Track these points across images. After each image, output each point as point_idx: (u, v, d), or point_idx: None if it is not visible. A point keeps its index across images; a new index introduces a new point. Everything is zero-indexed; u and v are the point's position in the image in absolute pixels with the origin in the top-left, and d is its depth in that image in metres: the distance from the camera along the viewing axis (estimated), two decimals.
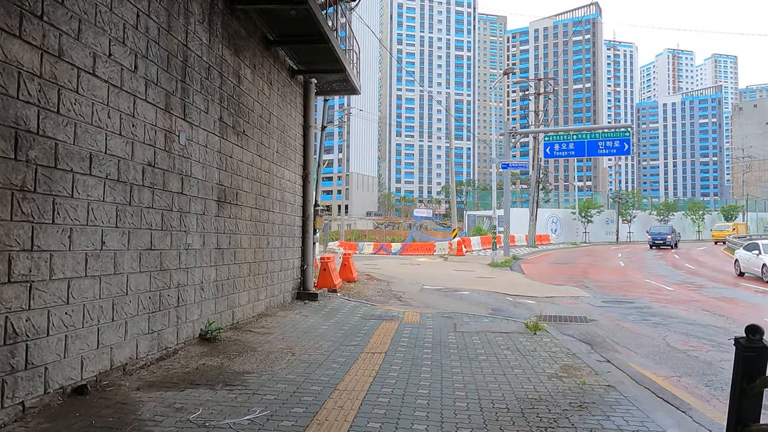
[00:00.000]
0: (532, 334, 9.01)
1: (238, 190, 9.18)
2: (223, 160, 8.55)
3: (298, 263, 12.84)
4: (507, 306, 13.76)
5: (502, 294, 15.88)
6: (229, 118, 8.77)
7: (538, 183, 45.94)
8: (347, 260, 17.48)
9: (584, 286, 18.56)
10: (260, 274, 10.28)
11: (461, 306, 13.43)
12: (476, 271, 23.44)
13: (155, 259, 6.54)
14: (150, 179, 6.43)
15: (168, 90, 6.85)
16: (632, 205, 69.44)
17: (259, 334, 8.61)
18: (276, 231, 11.20)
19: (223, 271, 8.56)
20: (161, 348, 6.68)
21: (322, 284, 14.88)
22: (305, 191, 13.22)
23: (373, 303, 13.19)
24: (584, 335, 9.89)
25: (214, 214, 8.20)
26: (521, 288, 17.44)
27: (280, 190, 11.46)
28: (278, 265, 11.37)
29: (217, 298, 8.37)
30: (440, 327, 9.70)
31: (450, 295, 15.39)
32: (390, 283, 17.77)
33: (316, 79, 13.21)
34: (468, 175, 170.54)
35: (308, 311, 11.20)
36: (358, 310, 11.62)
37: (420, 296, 15.07)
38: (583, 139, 30.78)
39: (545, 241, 51.43)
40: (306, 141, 13.27)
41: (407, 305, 13.39)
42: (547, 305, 13.94)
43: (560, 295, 15.94)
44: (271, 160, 10.83)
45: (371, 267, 24.17)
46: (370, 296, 14.61)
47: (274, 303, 11.16)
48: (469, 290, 16.49)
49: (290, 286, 12.28)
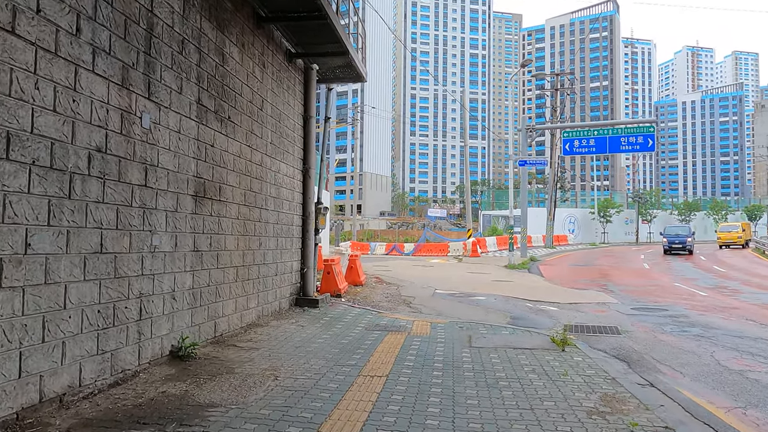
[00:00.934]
0: (559, 351, 7.76)
1: (222, 184, 8.05)
2: (202, 149, 7.42)
3: (297, 266, 11.70)
4: (527, 314, 12.50)
5: (521, 299, 14.62)
6: (209, 102, 7.64)
7: (555, 181, 44.44)
8: (354, 262, 16.31)
9: (609, 290, 17.22)
10: (250, 279, 9.15)
11: (477, 314, 12.20)
12: (492, 274, 22.16)
13: (107, 265, 5.42)
14: (99, 168, 5.30)
15: (126, 62, 5.72)
16: (653, 205, 67.48)
17: (243, 349, 7.47)
18: (270, 231, 10.07)
19: (202, 277, 7.43)
20: (116, 371, 5.56)
21: (325, 289, 13.74)
22: (305, 187, 12.07)
23: (379, 310, 12.01)
24: (619, 351, 8.63)
25: (189, 211, 7.07)
26: (541, 293, 16.15)
27: (276, 186, 10.33)
28: (273, 269, 10.24)
29: (195, 309, 7.24)
30: (453, 340, 8.49)
31: (464, 301, 14.16)
32: (400, 287, 16.57)
33: (317, 65, 12.05)
34: (483, 174, 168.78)
35: (306, 320, 10.05)
36: (361, 319, 10.44)
37: (431, 302, 13.86)
38: (605, 135, 29.37)
39: (563, 242, 49.91)
40: (306, 133, 12.13)
41: (417, 312, 12.19)
42: (571, 313, 12.68)
43: (584, 300, 14.63)
44: (263, 152, 9.69)
45: (381, 269, 22.99)
46: (377, 302, 13.43)
47: (268, 311, 10.02)
48: (485, 295, 15.26)
49: (287, 291, 11.14)
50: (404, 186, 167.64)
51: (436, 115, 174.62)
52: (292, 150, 11.32)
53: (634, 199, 64.27)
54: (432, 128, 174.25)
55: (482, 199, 74.87)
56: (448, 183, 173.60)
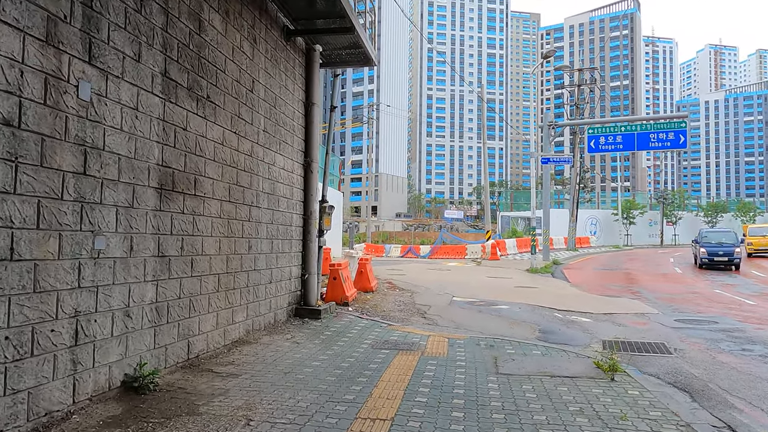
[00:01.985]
0: (608, 381, 6.31)
1: (199, 175, 6.72)
2: (170, 132, 6.10)
3: (296, 272, 10.35)
4: (557, 326, 11.02)
5: (549, 309, 13.14)
6: (181, 76, 6.32)
7: (578, 181, 42.66)
8: (363, 266, 14.94)
9: (644, 298, 15.65)
10: (236, 288, 7.81)
11: (500, 326, 10.75)
12: (514, 278, 20.64)
13: (20, 277, 4.11)
14: (8, 147, 4.00)
15: (53, 13, 4.41)
16: (678, 206, 65.14)
17: (220, 375, 6.14)
18: (263, 232, 8.74)
19: (169, 288, 6.11)
20: (35, 414, 4.24)
21: (331, 296, 12.40)
22: (307, 183, 10.73)
23: (390, 321, 10.62)
24: (675, 376, 7.15)
25: (152, 208, 5.75)
26: (570, 301, 14.64)
27: (270, 181, 9.00)
28: (266, 276, 8.90)
29: (159, 327, 5.92)
30: (476, 364, 7.08)
31: (485, 311, 12.70)
32: (414, 294, 15.16)
33: (320, 45, 10.71)
34: (500, 176, 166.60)
35: (304, 335, 8.69)
36: (368, 333, 9.07)
37: (449, 311, 12.43)
38: (633, 131, 27.71)
39: (585, 244, 48.05)
40: (309, 122, 10.79)
41: (432, 324, 10.77)
42: (607, 325, 11.18)
43: (620, 310, 13.10)
44: (254, 141, 8.37)
45: (395, 273, 21.60)
46: (388, 311, 12.03)
47: (261, 324, 8.69)
48: (508, 303, 13.79)
49: (285, 300, 9.80)
50: (420, 187, 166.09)
51: (453, 116, 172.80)
52: (290, 141, 9.99)
53: (659, 200, 61.95)
54: (449, 129, 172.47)
55: (500, 200, 72.98)
56: (465, 184, 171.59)
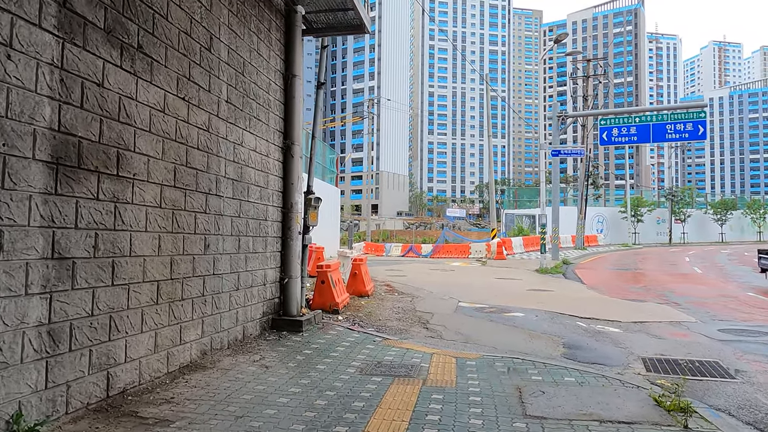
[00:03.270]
0: (680, 429, 4.59)
1: (125, 150, 5.03)
2: (75, 86, 4.40)
3: (273, 276, 8.66)
4: (584, 339, 9.31)
5: (570, 316, 11.44)
6: (92, 11, 4.61)
7: (587, 176, 40.91)
8: (358, 268, 13.24)
9: (673, 302, 13.94)
10: (187, 298, 6.12)
11: (517, 340, 9.05)
12: (524, 279, 18.93)
13: None
14: None
15: None
16: (687, 203, 63.26)
17: (145, 424, 4.43)
18: (227, 227, 7.04)
19: (72, 303, 4.41)
20: None
21: (319, 302, 10.73)
22: (287, 170, 9.03)
23: (385, 335, 8.92)
24: (751, 412, 5.53)
25: (40, 190, 4.06)
26: (591, 306, 12.94)
27: (236, 164, 7.30)
28: (231, 282, 7.20)
29: (53, 358, 4.22)
30: (494, 398, 5.38)
31: (497, 319, 10.98)
32: (415, 299, 13.47)
33: (303, 7, 9.01)
34: (503, 173, 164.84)
35: (277, 355, 7.00)
36: (358, 351, 7.37)
37: (455, 320, 10.71)
38: (648, 122, 25.94)
39: (593, 243, 46.32)
40: (289, 97, 9.09)
41: (436, 338, 9.07)
42: (641, 337, 9.49)
43: (650, 318, 11.38)
44: (212, 112, 6.67)
45: (395, 274, 19.91)
46: (384, 321, 10.33)
47: (223, 342, 6.99)
48: (522, 310, 12.08)
49: (258, 311, 8.10)
50: (422, 186, 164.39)
51: (455, 113, 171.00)
52: (265, 117, 8.29)
53: (667, 197, 60.12)
54: (450, 126, 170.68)
55: (503, 198, 71.13)
56: (467, 182, 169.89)
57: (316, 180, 27.26)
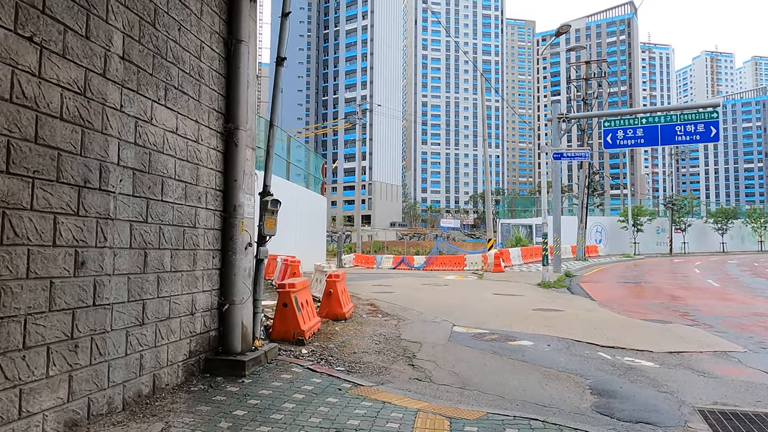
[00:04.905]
0: None
1: None
2: None
3: (207, 302, 6.53)
4: (615, 379, 7.21)
5: (588, 344, 9.35)
6: None
7: (588, 184, 38.98)
8: (333, 286, 11.11)
9: (703, 323, 11.89)
10: (33, 347, 3.99)
11: (529, 382, 6.93)
12: (526, 296, 16.84)
13: None
14: None
15: None
16: (687, 212, 61.47)
17: None
18: (122, 237, 4.93)
19: None
20: None
21: (281, 330, 8.64)
22: (230, 163, 6.94)
23: (358, 377, 6.80)
24: None
25: None
26: (610, 329, 10.84)
27: (141, 148, 5.20)
28: (131, 314, 5.07)
29: None
30: None
31: (501, 350, 8.84)
32: (401, 322, 11.33)
33: None
34: (497, 183, 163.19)
35: (191, 422, 4.85)
36: (314, 411, 5.24)
37: (448, 353, 8.56)
38: (656, 123, 24.10)
39: (593, 253, 44.34)
40: (233, 68, 7.02)
41: (424, 381, 6.94)
42: (686, 375, 7.40)
43: (688, 347, 9.28)
44: (95, 69, 4.58)
45: (381, 290, 17.78)
46: (360, 354, 8.20)
47: (113, 402, 4.85)
48: (530, 336, 9.97)
49: (180, 351, 5.96)
50: (416, 196, 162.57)
51: (449, 123, 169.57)
52: (194, 90, 6.21)
53: (667, 206, 58.28)
54: (444, 136, 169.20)
55: (499, 208, 69.10)
56: (461, 193, 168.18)
57: (299, 187, 25.20)
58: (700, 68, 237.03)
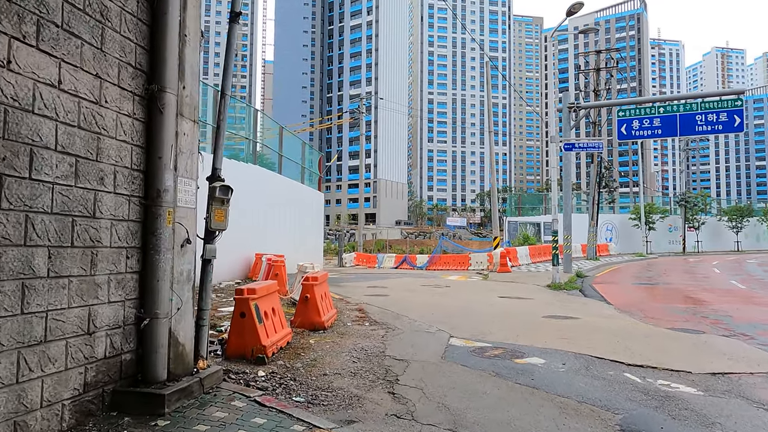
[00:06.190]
0: None
1: None
2: None
3: (115, 316, 4.95)
4: (651, 413, 5.58)
5: (611, 362, 7.72)
6: None
7: (599, 179, 37.21)
8: (311, 290, 9.49)
9: (740, 333, 10.23)
10: None
11: (541, 420, 5.28)
12: (535, 299, 15.19)
13: None
14: None
15: None
16: (701, 210, 59.44)
17: None
18: None
19: None
20: None
21: (238, 346, 7.09)
22: (153, 135, 5.35)
23: (317, 415, 5.20)
24: None
25: None
26: (635, 342, 9.18)
27: None
28: None
29: None
30: None
31: (505, 372, 7.18)
32: (389, 332, 9.71)
33: None
34: (504, 182, 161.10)
35: None
36: None
37: (440, 377, 6.92)
38: (674, 112, 22.33)
39: (604, 252, 42.56)
40: (159, 14, 5.44)
41: (404, 419, 5.29)
42: (740, 406, 5.77)
43: (733, 367, 7.62)
44: None
45: (376, 292, 16.19)
46: (331, 378, 6.58)
47: None
48: (541, 351, 8.33)
49: (70, 383, 4.37)
50: (422, 194, 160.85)
51: (455, 120, 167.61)
52: (92, 35, 4.63)
53: (680, 204, 56.29)
54: (450, 134, 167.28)
55: (506, 206, 67.23)
56: (468, 191, 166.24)
57: (292, 181, 23.50)
58: (711, 64, 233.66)
